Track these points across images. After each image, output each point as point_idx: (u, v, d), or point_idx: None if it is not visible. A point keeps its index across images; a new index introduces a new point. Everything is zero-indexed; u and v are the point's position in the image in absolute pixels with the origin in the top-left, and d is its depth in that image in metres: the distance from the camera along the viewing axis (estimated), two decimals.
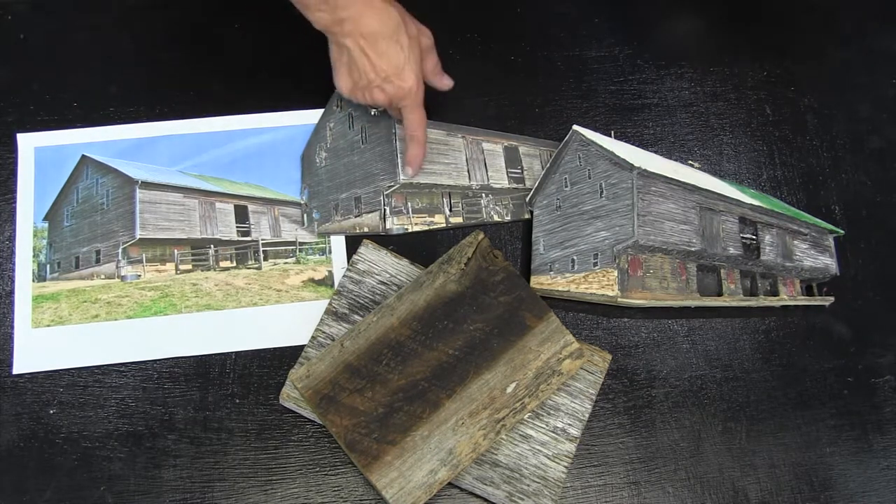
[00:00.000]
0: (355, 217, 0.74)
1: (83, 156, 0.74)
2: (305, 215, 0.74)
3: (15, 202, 0.72)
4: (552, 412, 0.66)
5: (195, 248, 0.72)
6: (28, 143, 0.74)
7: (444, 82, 0.71)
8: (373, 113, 0.74)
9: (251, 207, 0.74)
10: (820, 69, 0.85)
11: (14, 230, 0.72)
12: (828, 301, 0.75)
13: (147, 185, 0.73)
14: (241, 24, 0.80)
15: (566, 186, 0.73)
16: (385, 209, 0.74)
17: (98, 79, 0.77)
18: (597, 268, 0.68)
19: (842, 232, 0.77)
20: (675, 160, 0.79)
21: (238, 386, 0.67)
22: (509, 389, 0.63)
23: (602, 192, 0.70)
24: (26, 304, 0.69)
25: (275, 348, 0.69)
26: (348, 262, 0.71)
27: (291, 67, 0.79)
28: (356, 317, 0.68)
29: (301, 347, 0.68)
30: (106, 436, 0.65)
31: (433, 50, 0.69)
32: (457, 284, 0.66)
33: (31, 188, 0.73)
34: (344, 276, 0.70)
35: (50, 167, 0.74)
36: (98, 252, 0.71)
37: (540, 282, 0.71)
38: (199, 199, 0.73)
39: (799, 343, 0.73)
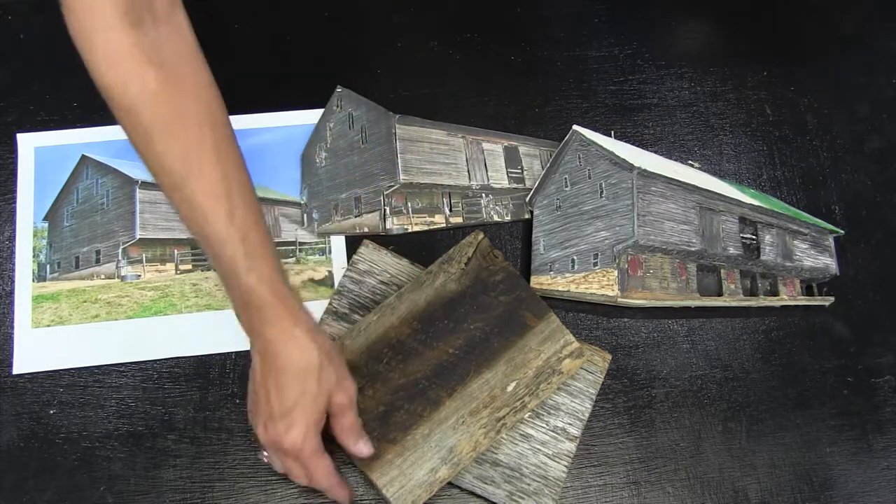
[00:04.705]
0: (355, 217, 0.74)
1: (83, 156, 0.74)
2: (305, 215, 0.74)
3: (15, 202, 0.72)
4: (552, 411, 0.66)
5: (195, 248, 0.72)
6: (28, 143, 0.74)
7: (360, 448, 0.59)
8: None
9: None
10: (820, 69, 0.85)
11: (14, 230, 0.72)
12: (828, 301, 0.75)
13: (147, 185, 0.73)
14: (241, 25, 0.80)
15: (566, 186, 0.73)
16: (385, 209, 0.74)
17: None
18: (597, 268, 0.68)
19: (842, 232, 0.77)
20: (675, 160, 0.79)
21: (238, 386, 0.67)
22: (510, 388, 0.63)
23: (602, 192, 0.70)
24: (26, 304, 0.69)
25: None
26: (348, 262, 0.71)
27: (291, 67, 0.79)
28: (356, 316, 0.68)
29: None
30: (106, 436, 0.65)
31: (351, 408, 0.58)
32: (457, 284, 0.66)
33: (31, 188, 0.73)
34: (344, 275, 0.70)
35: (50, 167, 0.73)
36: (98, 252, 0.71)
37: (540, 282, 0.71)
38: None
39: (799, 343, 0.73)
